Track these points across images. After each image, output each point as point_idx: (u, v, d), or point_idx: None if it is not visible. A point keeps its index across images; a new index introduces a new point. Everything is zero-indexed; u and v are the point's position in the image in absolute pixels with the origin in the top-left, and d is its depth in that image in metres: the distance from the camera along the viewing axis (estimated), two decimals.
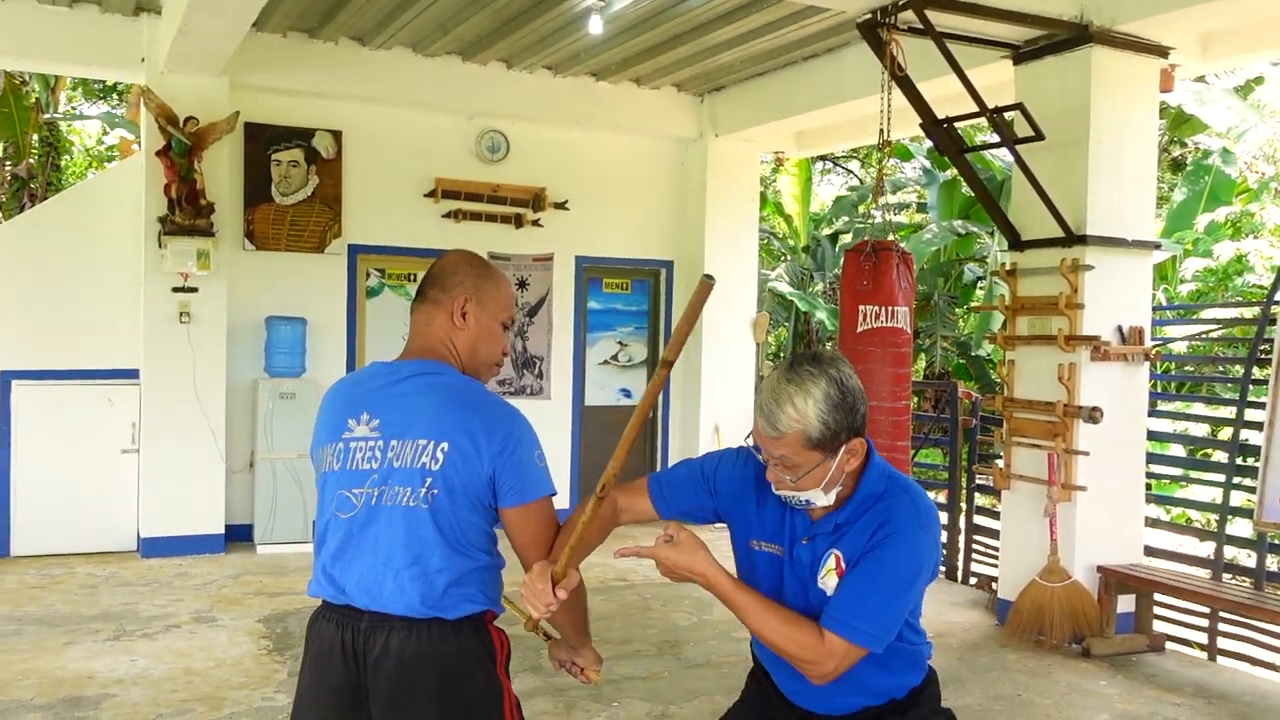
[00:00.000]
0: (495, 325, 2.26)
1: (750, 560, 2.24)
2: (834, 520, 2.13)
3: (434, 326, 2.23)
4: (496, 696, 2.14)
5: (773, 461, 2.09)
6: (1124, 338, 5.90)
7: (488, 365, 2.29)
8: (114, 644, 5.44)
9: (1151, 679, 5.37)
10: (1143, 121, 5.94)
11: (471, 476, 2.07)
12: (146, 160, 7.33)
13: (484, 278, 2.27)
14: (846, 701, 2.20)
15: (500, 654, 2.18)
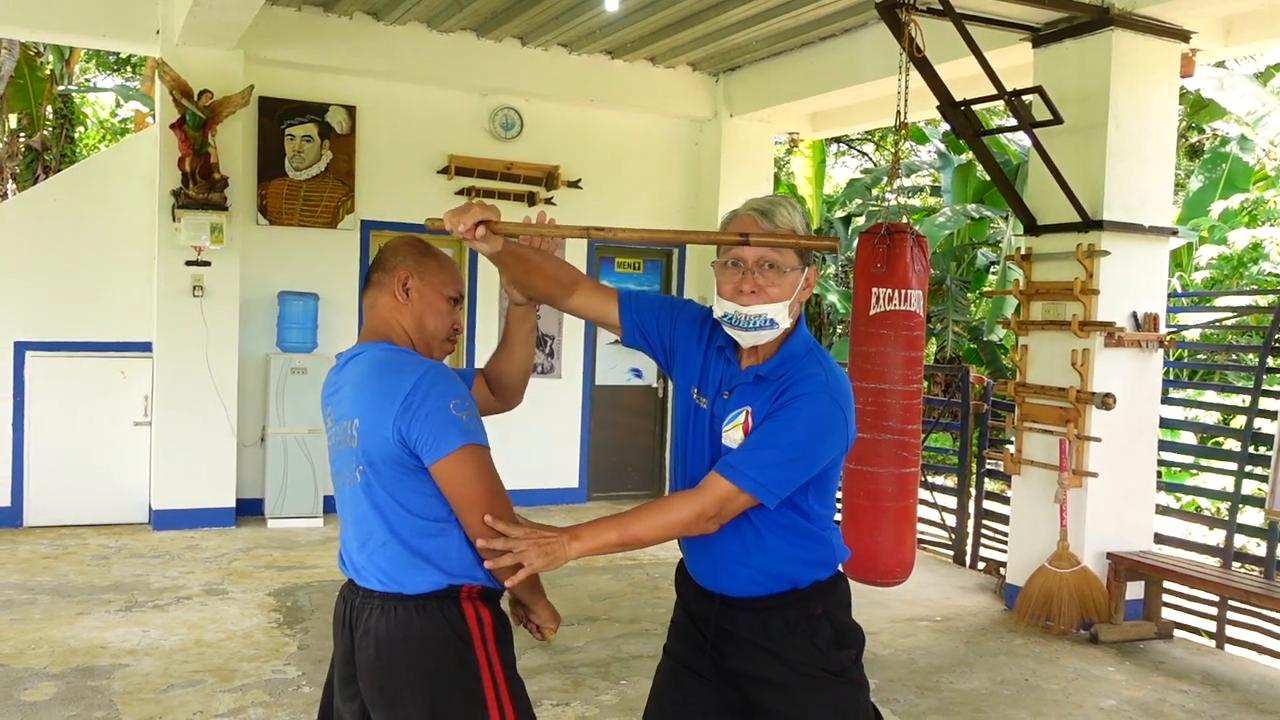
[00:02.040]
0: (439, 300, 2.29)
1: (687, 410, 2.33)
2: (754, 371, 2.23)
3: (379, 308, 2.28)
4: (473, 675, 2.10)
5: (754, 264, 2.17)
6: (1139, 324, 5.87)
7: (438, 339, 2.30)
8: (126, 615, 5.48)
9: (1159, 666, 5.37)
10: (1163, 106, 5.89)
11: (381, 443, 2.08)
12: (161, 133, 7.33)
13: (425, 256, 2.30)
14: (749, 579, 2.24)
15: (477, 630, 2.12)
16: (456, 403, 2.08)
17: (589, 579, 6.60)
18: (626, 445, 9.45)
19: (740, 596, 2.26)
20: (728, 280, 2.20)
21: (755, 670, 2.27)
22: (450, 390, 2.10)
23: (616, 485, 9.35)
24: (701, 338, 2.34)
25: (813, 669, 2.24)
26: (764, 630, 2.25)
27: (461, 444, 2.05)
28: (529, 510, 8.53)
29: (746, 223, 2.19)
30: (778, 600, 2.25)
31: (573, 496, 9.05)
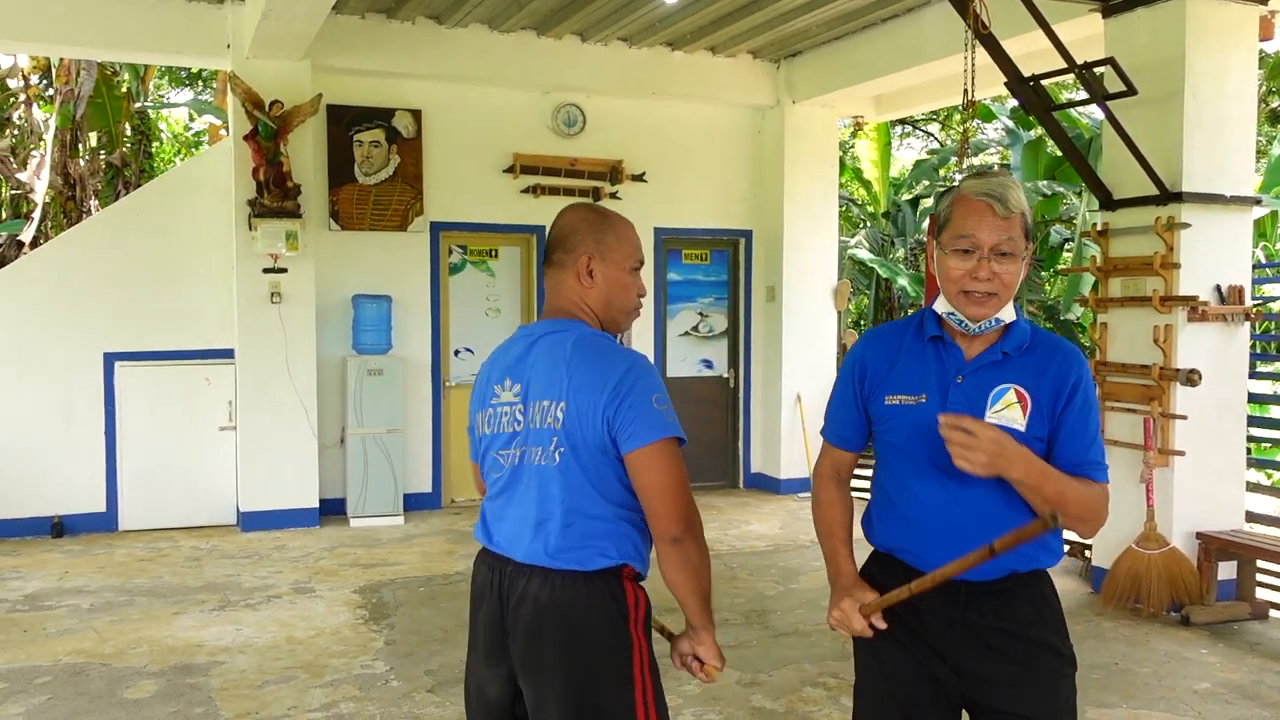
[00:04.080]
0: (623, 275, 2.29)
1: (885, 416, 2.27)
2: (999, 349, 2.18)
3: (564, 288, 2.29)
4: (625, 651, 2.15)
5: (988, 251, 2.11)
6: (1223, 297, 5.71)
7: (625, 313, 2.33)
8: (220, 614, 5.64)
9: (1255, 647, 5.23)
10: (1241, 71, 5.71)
11: (589, 430, 2.14)
12: (234, 145, 7.51)
13: (604, 230, 2.29)
14: (1000, 560, 2.10)
15: (634, 610, 2.17)
16: (659, 396, 2.14)
17: None
18: (700, 437, 9.44)
19: (988, 580, 2.15)
20: (958, 266, 2.13)
21: (994, 662, 2.16)
22: (654, 384, 2.16)
23: (691, 476, 9.09)
24: (882, 356, 2.28)
25: (1052, 653, 2.18)
26: (1011, 614, 2.16)
27: (661, 437, 2.12)
28: None
29: (980, 210, 2.11)
30: (1019, 581, 2.18)
31: None
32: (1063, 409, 2.14)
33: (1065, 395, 2.14)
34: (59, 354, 7.47)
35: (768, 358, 9.41)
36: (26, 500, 7.42)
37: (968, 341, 2.21)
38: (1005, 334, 2.19)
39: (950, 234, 2.15)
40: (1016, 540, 2.00)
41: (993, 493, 2.12)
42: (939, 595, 2.17)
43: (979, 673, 2.17)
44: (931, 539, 2.18)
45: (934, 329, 2.22)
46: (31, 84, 12.32)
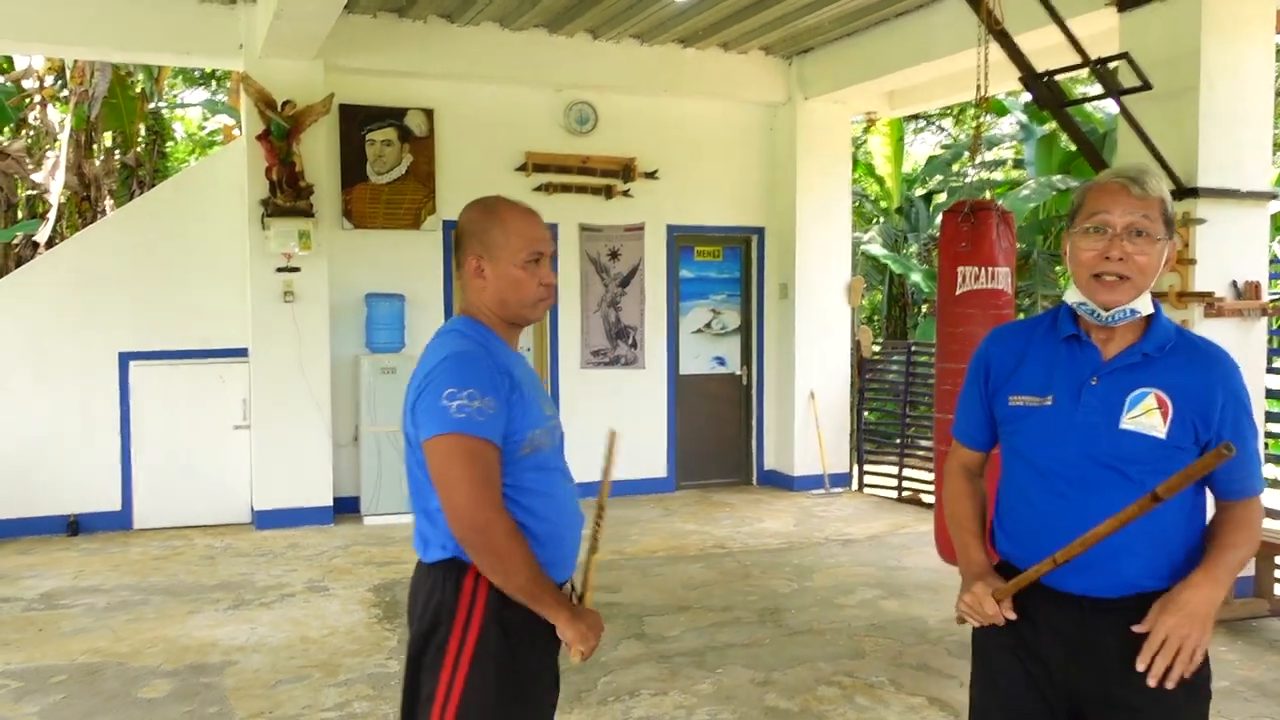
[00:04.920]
0: (514, 271, 2.23)
1: (1009, 418, 2.19)
2: (1139, 350, 2.07)
3: (466, 290, 2.30)
4: (443, 641, 2.13)
5: (1121, 230, 2.02)
6: (1239, 293, 5.67)
7: (526, 307, 2.27)
8: (234, 613, 5.66)
9: (1274, 645, 5.20)
10: (1258, 65, 5.66)
11: (407, 424, 2.19)
12: (247, 145, 7.53)
13: (490, 228, 2.25)
14: (1128, 576, 2.04)
15: (467, 602, 2.13)
16: (450, 391, 2.07)
17: (680, 568, 6.62)
18: (713, 434, 9.44)
19: (1112, 598, 2.05)
20: (1090, 247, 2.05)
21: (1111, 685, 2.06)
22: (456, 377, 2.09)
23: (704, 474, 9.36)
24: (1008, 352, 2.21)
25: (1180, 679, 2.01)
26: (1131, 634, 2.02)
27: (437, 432, 2.07)
28: (619, 500, 8.61)
29: (1114, 190, 2.04)
30: (1146, 600, 2.04)
31: (661, 486, 9.08)
32: (1220, 423, 2.02)
33: (1219, 410, 2.02)
34: (74, 354, 7.51)
35: (781, 354, 9.39)
36: (42, 499, 7.47)
37: (1105, 341, 2.10)
38: (1146, 334, 2.08)
39: (1082, 216, 2.07)
40: (1184, 481, 1.91)
41: (1117, 504, 1.99)
42: (1058, 610, 2.09)
43: (1093, 694, 2.08)
44: (1052, 550, 2.05)
45: (1070, 327, 2.12)
46: (46, 85, 12.37)
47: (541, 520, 2.18)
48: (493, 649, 2.12)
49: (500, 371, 2.14)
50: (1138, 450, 2.02)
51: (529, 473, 2.17)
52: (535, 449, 2.18)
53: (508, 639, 2.13)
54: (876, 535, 7.62)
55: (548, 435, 2.24)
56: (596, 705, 4.36)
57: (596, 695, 4.46)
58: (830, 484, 9.23)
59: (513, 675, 2.14)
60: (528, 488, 2.17)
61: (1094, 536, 1.97)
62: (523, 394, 2.17)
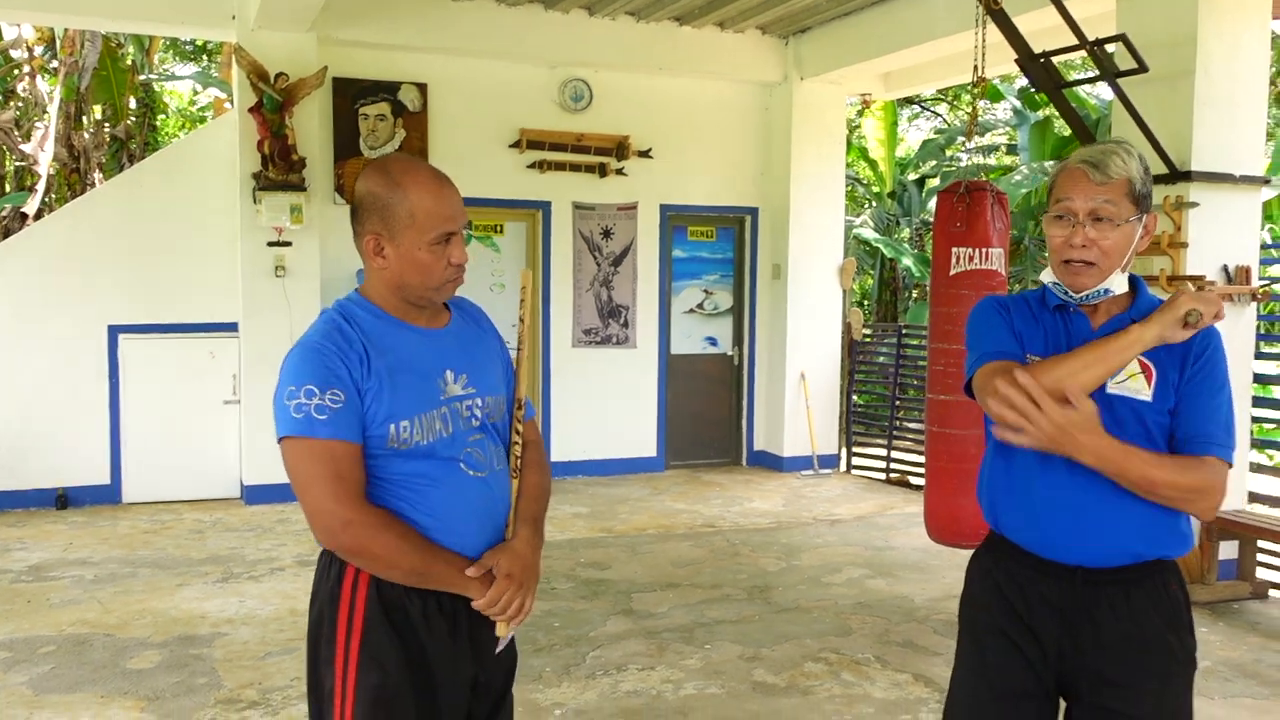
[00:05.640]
0: (419, 254, 2.01)
1: None
2: (1127, 318, 2.10)
3: (366, 268, 2.10)
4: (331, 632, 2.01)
5: (1084, 217, 2.06)
6: (1230, 277, 5.69)
7: (432, 290, 2.06)
8: (223, 586, 5.66)
9: (1255, 626, 5.24)
10: (1254, 50, 5.66)
11: None
12: (239, 117, 7.49)
13: (392, 204, 2.00)
14: (1123, 544, 2.06)
15: (349, 592, 1.99)
16: (291, 390, 1.94)
17: (669, 545, 6.64)
18: (703, 414, 9.46)
19: (1106, 568, 2.07)
20: (1057, 234, 2.10)
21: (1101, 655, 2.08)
22: (291, 376, 1.96)
23: (695, 454, 9.38)
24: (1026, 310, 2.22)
25: (1171, 651, 2.07)
26: (1126, 605, 2.07)
27: (279, 436, 1.97)
28: (609, 479, 8.63)
29: (1076, 176, 2.06)
30: (1142, 570, 2.08)
31: (651, 465, 9.09)
32: (1187, 379, 2.07)
33: (1190, 364, 2.07)
34: (63, 326, 7.47)
35: (772, 335, 9.40)
36: (31, 472, 7.44)
37: (1091, 312, 2.15)
38: (1133, 305, 2.13)
39: (1051, 201, 2.12)
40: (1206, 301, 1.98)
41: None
42: (1051, 580, 2.11)
43: (1083, 665, 2.09)
44: (1049, 521, 2.10)
45: (1055, 299, 2.16)
46: (36, 55, 12.26)
47: (427, 514, 2.00)
48: (381, 641, 1.98)
49: (354, 360, 1.96)
50: (1124, 413, 2.05)
51: (409, 461, 2.00)
52: (408, 442, 1.99)
53: (395, 628, 1.99)
54: (864, 516, 7.65)
55: (436, 423, 2.02)
56: (585, 679, 4.38)
57: (584, 669, 4.48)
58: (819, 465, 9.26)
59: (407, 667, 1.99)
60: (403, 480, 2.00)
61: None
62: (391, 382, 1.98)
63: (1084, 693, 2.11)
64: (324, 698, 2.03)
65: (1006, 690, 2.16)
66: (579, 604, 5.38)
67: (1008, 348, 2.15)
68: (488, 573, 2.03)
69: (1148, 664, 2.07)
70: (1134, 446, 2.00)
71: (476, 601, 2.02)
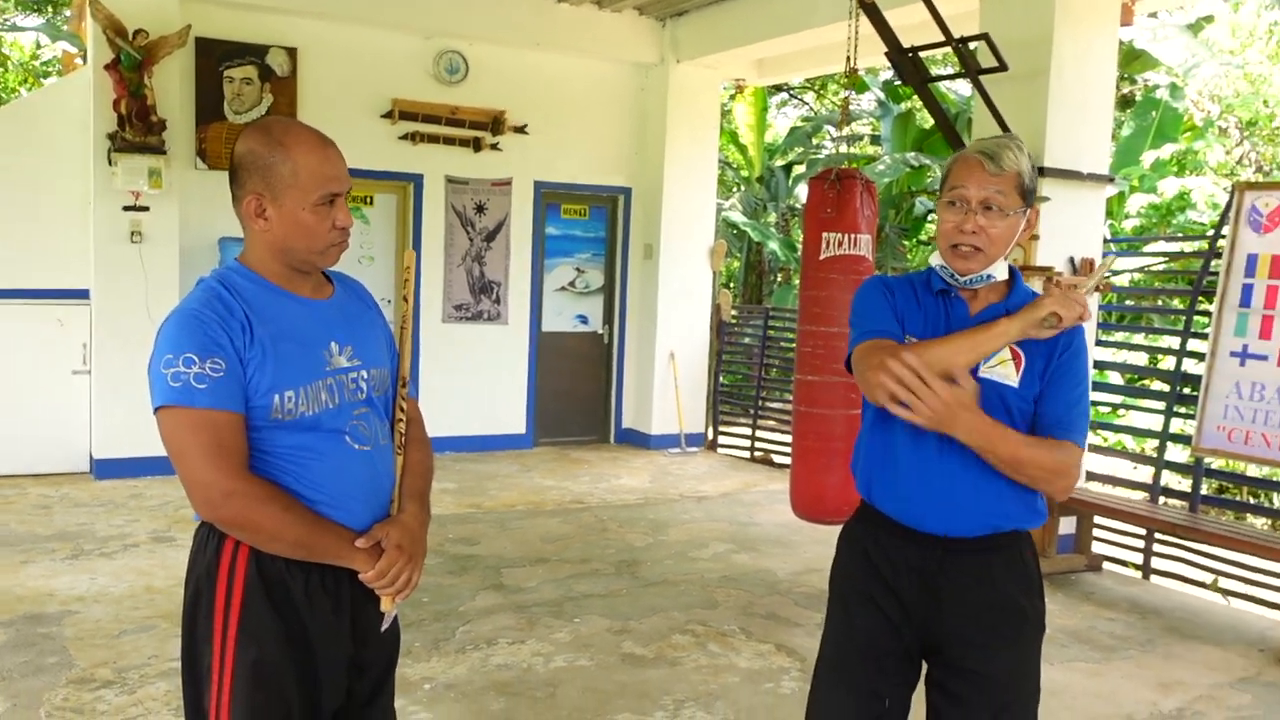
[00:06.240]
0: (303, 214, 1.97)
1: None
2: (1002, 307, 2.23)
3: (247, 231, 2.04)
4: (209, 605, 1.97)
5: (976, 206, 2.17)
6: (1076, 269, 6.03)
7: (317, 253, 2.03)
8: (72, 563, 5.44)
9: (1089, 596, 5.60)
10: (1103, 55, 6.00)
11: None
12: (94, 74, 7.12)
13: (274, 163, 1.96)
14: (981, 516, 2.20)
15: (227, 568, 1.96)
16: (169, 358, 1.89)
17: (538, 521, 6.67)
18: (573, 391, 9.50)
19: (966, 537, 2.22)
20: (950, 218, 2.20)
21: (960, 620, 2.23)
22: (169, 345, 1.91)
23: (563, 431, 9.41)
24: (909, 293, 2.32)
25: (1024, 614, 2.23)
26: (984, 572, 2.22)
27: (155, 406, 1.92)
28: (478, 456, 8.59)
29: (971, 165, 2.18)
30: (1000, 540, 2.23)
31: (520, 442, 9.09)
32: (1052, 369, 2.21)
33: (1057, 356, 2.21)
34: None
35: (643, 315, 9.49)
36: None
37: (971, 298, 2.26)
38: (1010, 293, 2.25)
39: (945, 189, 2.23)
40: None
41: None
42: (915, 549, 2.24)
43: (944, 629, 2.24)
44: (916, 493, 2.23)
45: (940, 283, 2.28)
46: None
47: (311, 487, 1.98)
48: (261, 616, 1.95)
49: (236, 328, 1.92)
50: (991, 396, 2.18)
51: (293, 434, 1.96)
52: (293, 413, 1.95)
53: (275, 604, 1.96)
54: (729, 493, 7.83)
55: (321, 394, 1.99)
56: (454, 653, 4.39)
57: (454, 644, 4.48)
58: (686, 443, 9.42)
59: (287, 643, 1.96)
60: (286, 452, 1.96)
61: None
62: (275, 352, 1.94)
63: (943, 652, 2.26)
64: (200, 675, 1.99)
65: (872, 650, 2.29)
66: (448, 580, 5.37)
67: (888, 328, 2.27)
68: (376, 545, 2.01)
69: (1003, 626, 2.23)
70: (1006, 427, 2.15)
71: (364, 574, 2.00)
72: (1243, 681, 4.52)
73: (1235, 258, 5.57)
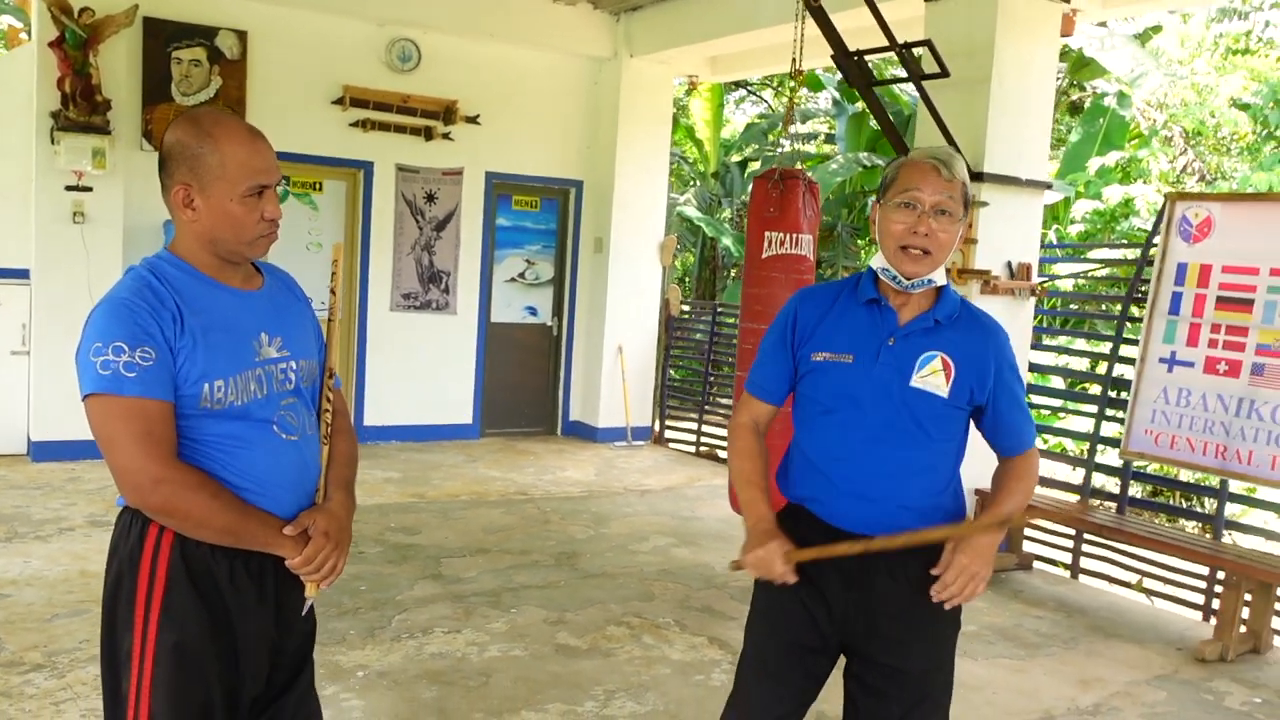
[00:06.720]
0: (230, 205, 1.98)
1: (810, 372, 2.34)
2: (931, 317, 2.29)
3: (176, 221, 2.05)
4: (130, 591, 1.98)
5: (929, 209, 2.22)
6: (1013, 273, 6.16)
7: (244, 244, 2.04)
8: (6, 546, 5.38)
9: (1018, 594, 5.74)
10: (1043, 64, 6.12)
11: None
12: (38, 51, 7.01)
13: (202, 154, 1.97)
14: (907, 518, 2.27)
15: (150, 553, 1.97)
16: (98, 346, 1.90)
17: (481, 512, 6.70)
18: (521, 383, 9.52)
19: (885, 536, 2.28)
20: (900, 220, 2.23)
21: (878, 616, 2.29)
22: (98, 333, 1.92)
23: (510, 422, 9.43)
24: (816, 310, 2.37)
25: (939, 612, 2.28)
26: (902, 571, 2.28)
27: (84, 394, 1.92)
28: (424, 445, 8.59)
29: (925, 170, 2.23)
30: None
31: (467, 433, 9.09)
32: (994, 387, 2.29)
33: (993, 372, 2.29)
34: None
35: (592, 308, 9.53)
36: None
37: (901, 306, 2.30)
38: (937, 302, 2.30)
39: (894, 191, 2.26)
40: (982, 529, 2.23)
41: (905, 451, 2.26)
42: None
43: (862, 625, 2.30)
44: (843, 494, 2.29)
45: (871, 292, 2.31)
46: None
47: (239, 475, 2.00)
48: (184, 601, 1.97)
49: (166, 318, 1.94)
50: (923, 406, 2.25)
51: (221, 422, 1.98)
52: (222, 402, 1.97)
53: (198, 589, 1.98)
54: (673, 487, 7.90)
55: (250, 384, 2.02)
56: (390, 641, 4.41)
57: (390, 632, 4.50)
58: (632, 437, 9.48)
59: (210, 628, 1.99)
60: (215, 441, 1.98)
61: (917, 539, 2.21)
62: (205, 341, 1.96)
63: (862, 648, 2.33)
64: (120, 661, 2.00)
65: (794, 644, 2.35)
66: (387, 568, 5.39)
67: (770, 386, 2.42)
68: (303, 532, 2.05)
69: (919, 624, 2.30)
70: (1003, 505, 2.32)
71: (291, 560, 2.04)
72: (1159, 679, 4.66)
73: (1166, 266, 5.72)
